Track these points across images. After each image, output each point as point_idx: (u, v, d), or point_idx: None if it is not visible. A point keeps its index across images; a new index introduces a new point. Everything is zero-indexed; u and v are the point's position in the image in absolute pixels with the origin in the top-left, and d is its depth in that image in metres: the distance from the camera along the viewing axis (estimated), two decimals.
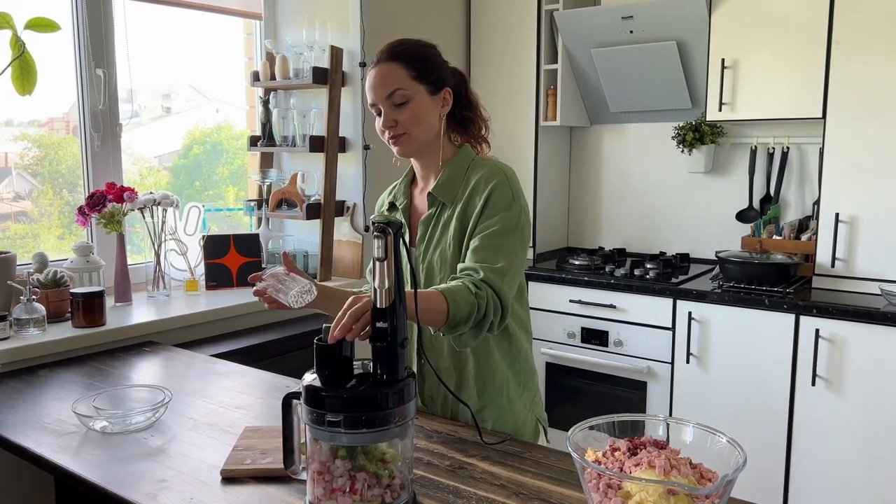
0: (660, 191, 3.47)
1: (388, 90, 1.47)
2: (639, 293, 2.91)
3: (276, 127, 2.93)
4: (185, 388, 1.76)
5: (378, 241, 1.09)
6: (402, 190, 1.64)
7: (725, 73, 2.89)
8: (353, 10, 2.88)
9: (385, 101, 1.47)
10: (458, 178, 1.52)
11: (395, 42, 1.52)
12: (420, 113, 1.48)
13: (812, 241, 2.84)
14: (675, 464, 0.98)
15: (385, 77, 1.48)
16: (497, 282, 1.39)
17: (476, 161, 1.54)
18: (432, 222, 1.54)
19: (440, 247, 1.51)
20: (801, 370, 2.58)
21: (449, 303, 1.31)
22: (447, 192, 1.52)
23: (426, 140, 1.51)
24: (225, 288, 2.69)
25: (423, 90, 1.48)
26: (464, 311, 1.33)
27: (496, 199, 1.45)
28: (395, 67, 1.47)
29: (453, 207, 1.51)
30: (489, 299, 1.37)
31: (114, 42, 2.51)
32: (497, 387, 1.54)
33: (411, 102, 1.47)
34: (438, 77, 1.51)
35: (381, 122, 1.49)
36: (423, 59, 1.50)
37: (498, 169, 1.51)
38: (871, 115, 2.58)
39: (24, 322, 2.04)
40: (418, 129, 1.49)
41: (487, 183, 1.47)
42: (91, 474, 1.29)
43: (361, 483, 1.05)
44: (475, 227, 1.46)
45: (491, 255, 1.41)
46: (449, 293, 1.33)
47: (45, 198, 2.56)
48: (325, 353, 1.08)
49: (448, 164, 1.54)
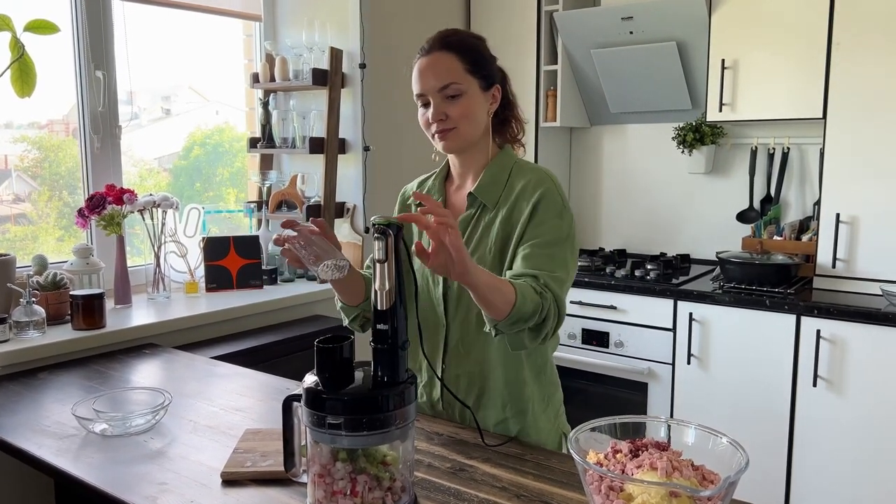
0: (660, 191, 3.47)
1: (442, 82, 1.40)
2: (639, 294, 2.91)
3: (276, 128, 2.93)
4: (185, 391, 1.76)
5: (378, 243, 1.09)
6: (436, 186, 1.57)
7: (725, 73, 2.89)
8: (352, 12, 2.88)
9: (436, 94, 1.41)
10: (501, 180, 1.47)
11: (447, 31, 1.45)
12: (472, 108, 1.42)
13: (813, 242, 2.83)
14: (677, 466, 0.97)
15: (439, 68, 1.41)
16: (557, 290, 1.33)
17: (519, 164, 1.49)
18: (471, 224, 1.48)
19: (479, 251, 1.45)
20: (803, 371, 2.58)
21: (517, 294, 1.23)
22: (489, 194, 1.46)
23: (474, 137, 1.46)
24: (225, 290, 2.68)
25: (476, 85, 1.43)
26: (528, 308, 1.25)
27: (546, 206, 1.40)
28: (450, 58, 1.41)
29: (495, 211, 1.45)
30: (552, 305, 1.30)
31: (113, 44, 2.51)
32: (524, 401, 1.48)
33: (464, 96, 1.41)
34: (490, 73, 1.46)
35: (431, 114, 1.43)
36: (476, 52, 1.44)
37: (545, 175, 1.45)
38: (871, 116, 2.57)
39: (23, 324, 2.04)
40: (468, 124, 1.43)
41: (535, 189, 1.42)
42: (91, 477, 1.29)
43: (362, 486, 1.04)
44: (523, 233, 1.40)
45: (547, 263, 1.35)
46: (518, 286, 1.25)
47: (44, 200, 2.56)
48: (325, 355, 1.07)
49: (490, 165, 1.48)
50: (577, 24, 3.18)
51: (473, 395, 1.49)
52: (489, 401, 1.48)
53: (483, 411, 1.48)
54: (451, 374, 1.49)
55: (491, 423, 1.48)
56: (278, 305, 2.63)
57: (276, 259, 2.92)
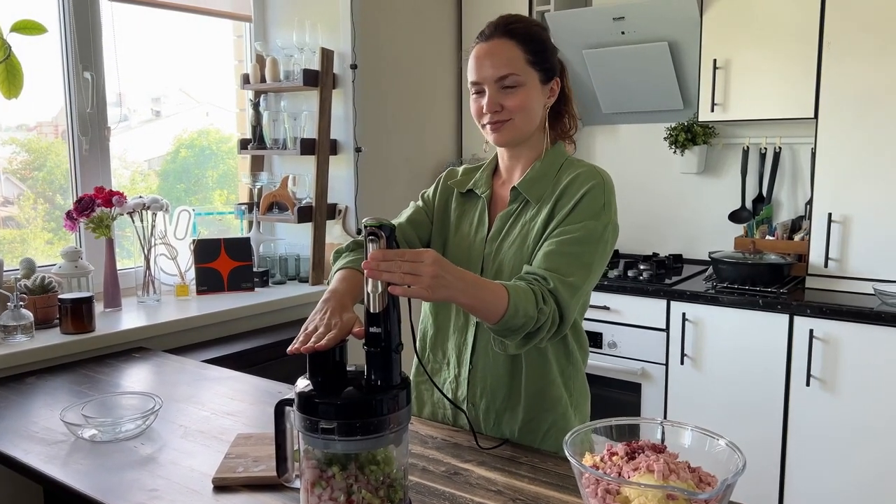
0: (652, 192, 3.47)
1: (501, 72, 1.34)
2: (632, 294, 2.90)
3: (267, 130, 2.91)
4: (175, 395, 1.74)
5: (371, 245, 1.07)
6: (484, 178, 1.50)
7: (717, 73, 2.89)
8: (343, 12, 2.87)
9: (493, 83, 1.35)
10: (549, 176, 1.41)
11: (510, 17, 1.39)
12: (529, 101, 1.36)
13: (805, 241, 2.84)
14: (673, 468, 0.97)
15: (499, 56, 1.34)
16: (566, 297, 1.26)
17: (570, 161, 1.44)
18: (511, 219, 1.42)
19: (517, 247, 1.39)
20: (796, 370, 2.58)
21: (509, 306, 1.18)
22: (534, 190, 1.40)
23: (528, 131, 1.40)
24: (216, 292, 2.66)
25: (535, 77, 1.36)
26: (518, 322, 1.20)
27: (587, 203, 1.34)
28: (511, 47, 1.35)
29: (538, 207, 1.39)
30: (550, 315, 1.24)
31: (101, 45, 2.49)
32: (551, 401, 1.42)
33: (522, 88, 1.35)
34: (552, 65, 1.39)
35: (485, 103, 1.36)
36: (540, 42, 1.37)
37: (597, 172, 1.39)
38: (862, 115, 2.58)
39: (11, 329, 2.02)
40: (524, 117, 1.37)
41: (583, 183, 1.36)
42: (80, 484, 1.27)
43: (356, 491, 1.03)
44: (556, 226, 1.34)
45: (565, 264, 1.28)
46: (514, 294, 1.20)
47: (32, 202, 2.54)
48: (318, 359, 1.06)
49: (539, 161, 1.43)
50: (569, 24, 3.17)
51: (501, 396, 1.44)
52: (517, 402, 1.43)
53: (510, 412, 1.44)
54: (478, 374, 1.44)
55: (517, 424, 1.43)
56: (270, 308, 2.61)
57: (268, 261, 2.91)
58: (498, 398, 1.44)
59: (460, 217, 1.52)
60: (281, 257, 2.93)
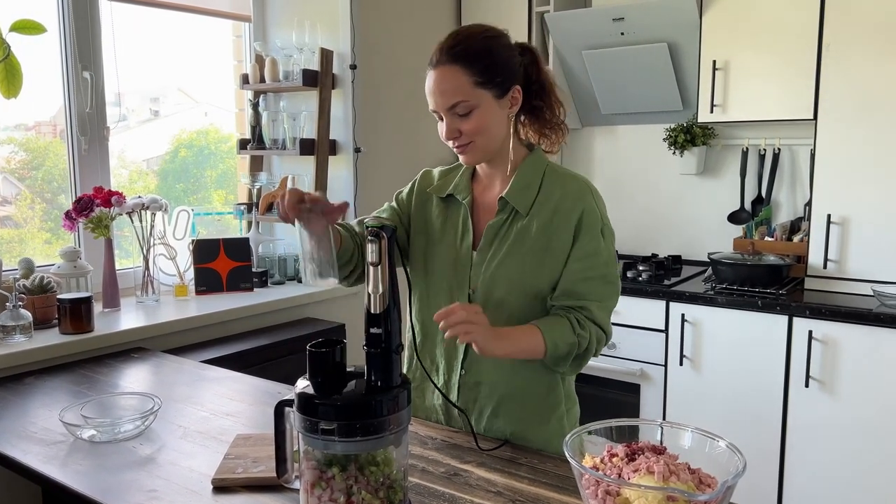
0: (651, 193, 3.47)
1: (450, 101, 1.32)
2: (631, 295, 2.90)
3: (266, 130, 2.91)
4: (174, 395, 1.73)
5: (371, 246, 1.07)
6: (463, 184, 1.48)
7: (717, 74, 2.89)
8: (342, 13, 2.87)
9: (447, 112, 1.34)
10: (533, 185, 1.41)
11: (454, 37, 1.35)
12: (485, 122, 1.34)
13: (804, 243, 2.84)
14: (673, 469, 0.97)
15: (445, 85, 1.32)
16: (604, 319, 1.36)
17: (552, 168, 1.44)
18: (503, 229, 1.41)
19: (514, 257, 1.39)
20: (795, 371, 2.58)
21: (547, 344, 1.30)
22: (522, 200, 1.40)
23: (494, 147, 1.39)
24: (215, 292, 2.66)
25: (488, 96, 1.33)
26: (562, 351, 1.32)
27: (587, 223, 1.37)
28: (456, 72, 1.31)
29: (529, 218, 1.39)
30: (592, 335, 1.34)
31: (101, 44, 2.48)
32: (545, 410, 1.45)
33: (476, 111, 1.33)
34: (505, 77, 1.35)
35: (444, 131, 1.37)
36: (487, 58, 1.33)
37: (584, 185, 1.41)
38: (861, 117, 2.58)
39: (9, 329, 2.01)
40: (484, 138, 1.36)
41: (576, 201, 1.38)
42: (79, 485, 1.27)
43: (356, 492, 1.03)
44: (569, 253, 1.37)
45: (601, 288, 1.37)
46: (548, 332, 1.30)
47: (27, 202, 2.53)
48: (318, 360, 1.06)
49: (520, 169, 1.42)
50: (568, 25, 3.17)
51: (493, 402, 1.44)
52: (509, 408, 1.43)
53: (503, 418, 1.44)
54: (470, 380, 1.45)
55: (509, 431, 1.44)
56: (269, 308, 2.61)
57: (267, 261, 2.90)
58: (490, 404, 1.44)
59: (444, 223, 1.49)
60: (280, 258, 2.92)
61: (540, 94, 1.44)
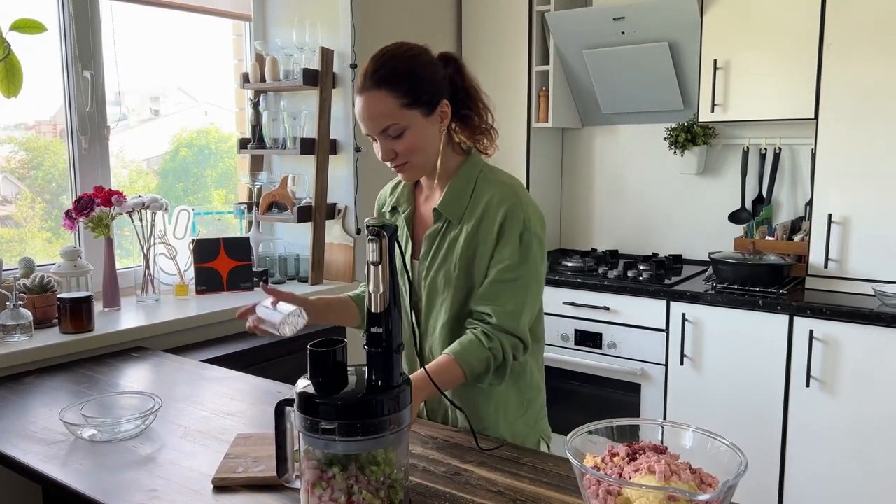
0: (652, 192, 3.47)
1: (380, 126, 1.35)
2: (632, 295, 2.90)
3: (267, 129, 2.91)
4: (175, 395, 1.73)
5: (372, 245, 1.07)
6: (405, 195, 1.54)
7: (717, 73, 2.89)
8: (343, 12, 2.87)
9: (379, 135, 1.38)
10: (465, 193, 1.44)
11: (377, 61, 1.36)
12: (417, 140, 1.37)
13: (805, 242, 2.84)
14: (675, 469, 0.96)
15: (373, 111, 1.35)
16: (511, 325, 1.38)
17: (485, 174, 1.46)
18: (437, 239, 1.46)
19: (445, 266, 1.44)
20: (795, 371, 2.58)
21: (463, 368, 1.35)
22: (454, 210, 1.44)
23: (431, 161, 1.43)
24: (215, 292, 2.66)
25: (417, 115, 1.36)
26: (479, 368, 1.36)
27: (509, 227, 1.39)
28: (383, 97, 1.33)
29: (460, 226, 1.43)
30: (504, 344, 1.38)
31: (101, 44, 2.48)
32: (500, 407, 1.49)
33: (407, 132, 1.36)
34: (431, 93, 1.38)
35: (380, 153, 1.40)
36: (411, 78, 1.35)
37: (510, 190, 1.42)
38: (862, 116, 2.58)
39: (10, 328, 2.01)
40: (419, 155, 1.39)
41: (499, 207, 1.40)
42: (79, 484, 1.27)
43: (357, 491, 1.03)
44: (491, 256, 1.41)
45: (502, 292, 1.39)
46: (460, 357, 1.35)
47: (27, 201, 2.53)
48: (318, 359, 1.06)
49: (454, 178, 1.45)
50: (569, 24, 3.17)
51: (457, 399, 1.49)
52: (466, 408, 1.47)
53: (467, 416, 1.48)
54: None
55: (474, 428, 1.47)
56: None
57: (267, 261, 2.90)
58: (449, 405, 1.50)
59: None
60: (280, 257, 2.92)
61: (467, 102, 1.46)
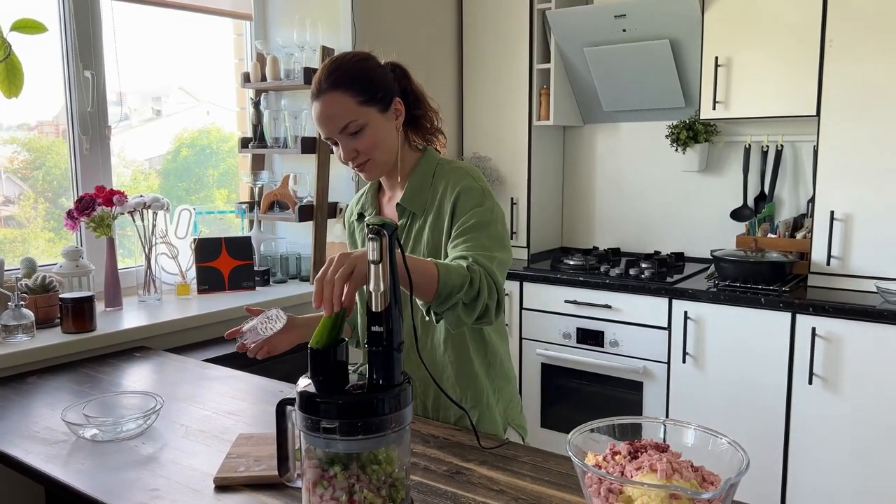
0: (654, 190, 3.46)
1: (340, 124, 1.39)
2: (634, 293, 2.90)
3: (268, 128, 2.91)
4: (176, 394, 1.74)
5: (373, 244, 1.07)
6: (369, 199, 1.61)
7: (719, 71, 2.89)
8: (343, 11, 2.86)
9: (339, 134, 1.41)
10: (426, 185, 1.50)
11: (329, 66, 1.42)
12: (377, 136, 1.42)
13: (807, 239, 2.83)
14: (676, 467, 0.96)
15: (332, 110, 1.39)
16: (487, 264, 1.34)
17: (441, 165, 1.52)
18: (403, 233, 1.52)
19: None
20: (798, 369, 2.57)
21: (439, 269, 1.24)
22: (416, 202, 1.50)
23: (391, 159, 1.48)
24: (217, 291, 2.66)
25: (374, 112, 1.41)
26: (455, 281, 1.25)
27: (465, 198, 1.44)
28: (340, 97, 1.39)
29: (424, 217, 1.49)
30: (482, 277, 1.30)
31: (102, 44, 2.48)
32: (477, 395, 1.54)
33: (366, 129, 1.40)
34: (385, 92, 1.44)
35: (342, 153, 1.44)
36: (364, 79, 1.41)
37: (463, 171, 1.49)
38: (864, 113, 2.57)
39: (12, 328, 2.01)
40: (381, 152, 1.44)
41: (454, 188, 1.46)
42: (81, 484, 1.27)
43: (358, 490, 1.02)
44: (450, 230, 1.44)
45: (475, 243, 1.38)
46: (439, 262, 1.28)
47: (30, 202, 2.53)
48: (319, 358, 1.06)
49: (413, 173, 1.51)
50: (570, 22, 3.17)
51: (431, 397, 1.56)
52: (445, 400, 1.53)
53: (442, 410, 1.56)
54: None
55: (451, 421, 1.55)
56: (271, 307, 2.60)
57: (269, 260, 2.90)
58: (429, 398, 1.56)
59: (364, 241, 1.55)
60: (282, 256, 2.92)
61: (416, 105, 1.52)
